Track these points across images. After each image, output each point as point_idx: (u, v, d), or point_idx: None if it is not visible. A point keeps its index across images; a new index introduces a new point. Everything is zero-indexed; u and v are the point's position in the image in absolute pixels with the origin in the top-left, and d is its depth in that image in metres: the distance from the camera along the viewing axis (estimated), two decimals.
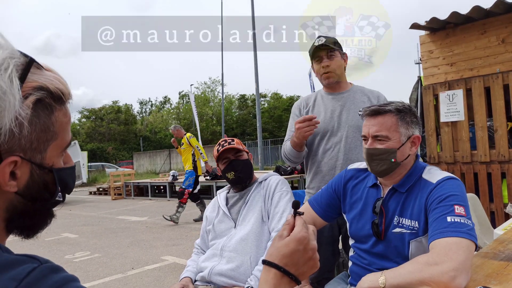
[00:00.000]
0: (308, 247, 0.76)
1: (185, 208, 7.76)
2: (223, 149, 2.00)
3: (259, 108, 17.18)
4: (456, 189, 1.29)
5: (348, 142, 2.09)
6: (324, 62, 2.13)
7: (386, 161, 1.38)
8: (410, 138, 1.41)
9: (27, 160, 0.59)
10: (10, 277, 0.49)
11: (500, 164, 4.08)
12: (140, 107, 51.77)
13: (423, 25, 4.70)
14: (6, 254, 0.53)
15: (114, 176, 14.54)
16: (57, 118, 0.62)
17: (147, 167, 30.05)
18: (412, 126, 1.42)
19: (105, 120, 39.94)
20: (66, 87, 0.64)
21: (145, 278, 4.26)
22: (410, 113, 1.43)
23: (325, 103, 2.19)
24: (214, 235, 1.99)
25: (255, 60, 16.32)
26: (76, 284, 0.53)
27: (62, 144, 0.64)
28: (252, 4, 16.37)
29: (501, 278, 1.11)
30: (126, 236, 6.67)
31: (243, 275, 1.78)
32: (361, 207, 1.50)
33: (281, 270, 0.74)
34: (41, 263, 0.52)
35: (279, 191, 1.96)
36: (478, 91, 4.24)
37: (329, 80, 2.14)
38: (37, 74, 0.60)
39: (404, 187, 1.40)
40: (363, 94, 2.18)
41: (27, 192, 0.61)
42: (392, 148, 1.38)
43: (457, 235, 1.14)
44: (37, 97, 0.58)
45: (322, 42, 2.11)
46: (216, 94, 41.69)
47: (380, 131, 1.39)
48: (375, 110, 1.42)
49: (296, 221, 0.80)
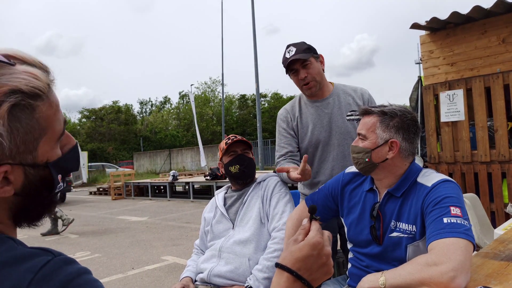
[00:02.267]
0: (322, 253, 0.75)
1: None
2: (233, 141, 2.01)
3: (259, 108, 17.19)
4: (451, 191, 1.29)
5: (341, 149, 2.07)
6: (301, 73, 2.01)
7: (361, 160, 1.43)
8: (387, 142, 1.40)
9: (18, 164, 0.58)
10: (26, 269, 0.50)
11: (500, 164, 4.08)
12: (140, 107, 51.85)
13: (423, 25, 4.69)
14: (21, 247, 0.54)
15: (114, 176, 14.54)
16: (41, 114, 0.58)
17: (147, 167, 30.06)
18: (392, 130, 1.39)
19: (105, 120, 39.93)
20: (41, 80, 0.59)
21: (145, 278, 4.26)
22: (397, 118, 1.40)
23: (312, 112, 2.12)
24: (213, 236, 1.99)
25: (255, 60, 16.33)
26: (88, 276, 0.54)
27: (54, 135, 0.62)
28: (252, 4, 16.38)
29: (501, 278, 1.11)
30: (126, 236, 6.68)
31: (242, 276, 1.78)
32: (359, 211, 1.50)
33: (293, 275, 0.73)
34: (54, 255, 0.53)
35: (278, 192, 1.96)
36: (479, 91, 4.23)
37: (311, 91, 2.05)
38: (5, 75, 0.55)
39: (399, 191, 1.40)
40: (347, 94, 2.13)
41: (25, 192, 0.60)
42: (367, 148, 1.41)
43: (454, 235, 1.14)
44: (11, 103, 0.54)
45: (292, 53, 2.00)
46: (216, 94, 41.76)
47: (361, 129, 1.45)
48: (364, 110, 1.49)
49: (312, 226, 0.79)
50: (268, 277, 1.70)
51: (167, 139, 38.54)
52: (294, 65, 2.02)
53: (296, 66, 2.01)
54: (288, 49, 2.03)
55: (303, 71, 2.01)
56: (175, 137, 38.67)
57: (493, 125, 4.17)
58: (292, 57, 1.98)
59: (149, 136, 40.11)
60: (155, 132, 40.63)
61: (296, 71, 2.03)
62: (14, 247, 0.54)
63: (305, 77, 2.01)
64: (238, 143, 2.02)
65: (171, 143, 37.13)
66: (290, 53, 2.00)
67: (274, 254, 1.75)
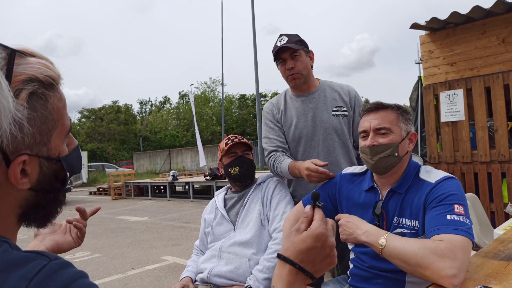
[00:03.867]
0: (326, 244, 0.73)
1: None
2: (234, 143, 2.00)
3: (259, 108, 17.18)
4: (455, 188, 1.30)
5: (326, 145, 2.04)
6: (289, 63, 2.01)
7: (390, 156, 1.39)
8: (408, 134, 1.44)
9: (35, 155, 0.58)
10: (21, 275, 0.48)
11: (500, 164, 4.08)
12: (140, 107, 51.86)
13: (423, 25, 4.70)
14: (15, 252, 0.53)
15: (114, 176, 14.54)
16: (53, 105, 0.60)
17: (147, 167, 30.05)
18: (410, 123, 1.46)
19: (105, 120, 39.92)
20: (54, 71, 0.61)
21: (145, 278, 4.26)
22: (407, 112, 1.47)
23: (296, 106, 2.10)
24: (213, 238, 1.99)
25: (255, 60, 16.33)
26: (85, 280, 0.52)
27: (63, 130, 0.63)
28: (252, 4, 16.39)
29: (501, 277, 1.11)
30: (126, 236, 6.68)
31: (242, 276, 1.78)
32: (360, 211, 1.49)
33: (296, 267, 0.71)
34: (50, 260, 0.52)
35: (278, 193, 1.96)
36: (479, 91, 4.24)
37: (295, 82, 2.04)
38: (22, 65, 0.57)
39: (402, 188, 1.41)
40: (333, 90, 2.11)
41: (39, 186, 0.61)
42: (395, 142, 1.40)
43: (458, 233, 1.15)
44: (29, 91, 0.56)
45: (284, 42, 1.99)
46: (216, 94, 41.73)
47: (383, 123, 1.41)
48: (377, 105, 1.45)
49: (315, 215, 0.76)
50: (269, 277, 1.70)
51: (166, 139, 38.51)
52: (283, 54, 2.01)
53: (285, 55, 2.01)
54: (280, 38, 2.03)
55: (291, 61, 2.01)
56: (174, 137, 38.65)
57: (493, 125, 4.18)
58: (283, 45, 1.98)
59: (149, 136, 40.10)
60: (155, 132, 40.62)
61: (283, 61, 2.03)
62: (8, 251, 0.52)
63: (291, 67, 2.01)
64: (238, 144, 2.01)
65: (171, 143, 37.12)
66: (281, 42, 2.00)
67: (274, 255, 1.75)
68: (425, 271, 1.12)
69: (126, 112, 42.68)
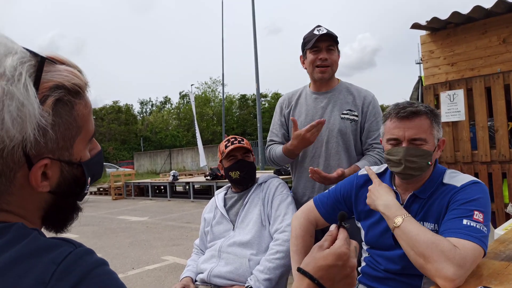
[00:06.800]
0: (347, 264, 0.73)
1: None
2: (234, 146, 1.97)
3: (260, 108, 17.19)
4: (480, 194, 1.26)
5: (329, 148, 2.01)
6: (323, 54, 1.98)
7: (423, 163, 1.32)
8: (438, 141, 1.38)
9: (56, 160, 0.60)
10: (49, 259, 0.51)
11: (500, 164, 4.07)
12: (140, 107, 51.89)
13: (424, 25, 4.69)
14: (44, 238, 0.56)
15: (115, 176, 14.54)
16: (78, 112, 0.61)
17: (148, 167, 30.06)
18: (440, 128, 1.38)
19: (106, 120, 39.94)
20: (82, 79, 0.63)
21: (145, 278, 4.26)
22: (438, 116, 1.38)
23: (308, 104, 2.09)
24: (213, 237, 1.98)
25: (256, 60, 16.32)
26: (106, 267, 0.56)
27: (87, 136, 0.65)
28: (253, 4, 16.39)
29: (502, 278, 1.11)
30: (126, 236, 6.67)
31: (242, 276, 1.77)
32: (380, 214, 1.41)
33: (315, 282, 0.72)
34: (76, 247, 0.55)
35: (279, 194, 1.95)
36: (479, 91, 4.23)
37: (323, 75, 2.01)
38: (51, 72, 0.59)
39: (425, 193, 1.36)
40: (349, 93, 2.07)
41: (59, 189, 0.62)
42: (430, 151, 1.33)
43: (470, 239, 1.13)
44: (56, 98, 0.58)
45: (324, 32, 1.97)
46: (216, 94, 41.76)
47: (418, 134, 1.32)
48: (411, 112, 1.32)
49: (339, 234, 0.77)
50: (269, 278, 1.69)
51: (167, 139, 38.53)
52: (321, 43, 1.98)
53: (322, 45, 1.98)
54: (319, 28, 2.02)
55: (325, 53, 1.99)
56: (175, 137, 38.67)
57: (493, 125, 4.17)
58: (324, 33, 1.96)
59: (149, 136, 40.12)
60: (156, 132, 40.64)
61: (318, 50, 1.99)
62: (37, 237, 0.55)
63: (325, 58, 1.99)
64: (238, 147, 1.99)
65: (171, 143, 37.13)
66: (320, 31, 1.98)
67: (276, 256, 1.75)
68: (427, 264, 1.11)
69: (126, 112, 42.70)
